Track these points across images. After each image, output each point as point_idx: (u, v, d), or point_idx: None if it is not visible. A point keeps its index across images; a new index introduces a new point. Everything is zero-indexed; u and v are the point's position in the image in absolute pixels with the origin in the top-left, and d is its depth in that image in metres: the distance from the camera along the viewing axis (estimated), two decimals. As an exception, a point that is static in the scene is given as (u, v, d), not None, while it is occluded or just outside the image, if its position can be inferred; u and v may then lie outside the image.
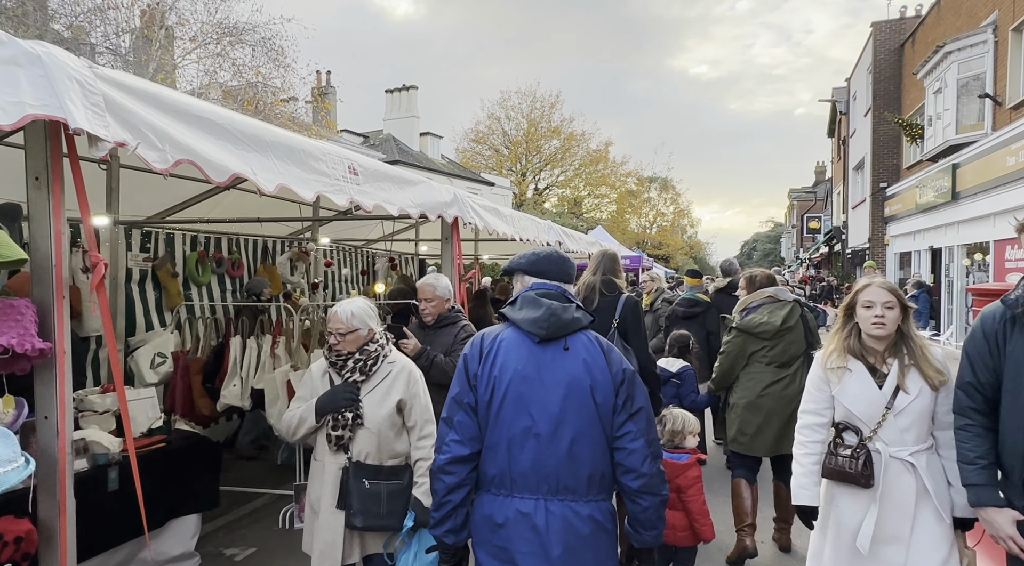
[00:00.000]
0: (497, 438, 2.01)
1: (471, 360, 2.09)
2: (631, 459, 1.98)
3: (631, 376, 2.06)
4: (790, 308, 3.97)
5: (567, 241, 7.93)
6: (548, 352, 2.03)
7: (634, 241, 46.57)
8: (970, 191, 13.04)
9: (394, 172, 3.65)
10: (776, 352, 3.91)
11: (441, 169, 33.92)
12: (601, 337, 2.17)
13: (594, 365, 2.02)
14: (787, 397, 3.83)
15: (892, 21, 20.00)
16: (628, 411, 2.01)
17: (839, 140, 27.98)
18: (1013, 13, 11.98)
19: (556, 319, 2.03)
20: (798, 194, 52.22)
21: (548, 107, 43.32)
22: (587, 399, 1.99)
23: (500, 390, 2.01)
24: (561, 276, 2.17)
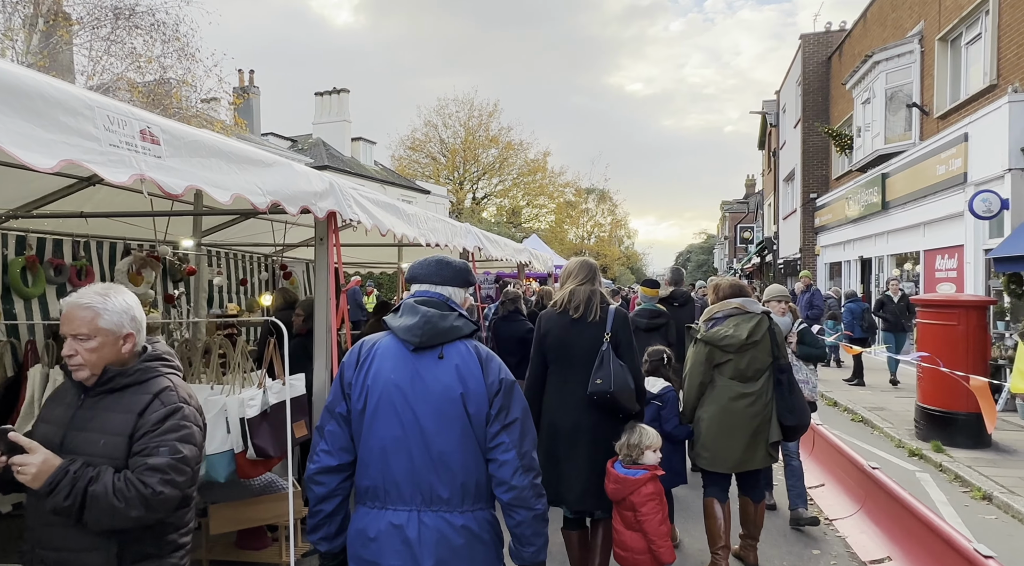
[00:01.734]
0: (370, 449, 1.97)
1: (347, 368, 2.05)
2: (502, 471, 1.96)
3: (509, 386, 2.01)
4: (757, 321, 3.78)
5: (489, 247, 7.13)
6: (423, 361, 1.99)
7: (572, 251, 46.81)
8: (899, 201, 13.04)
9: (231, 146, 2.74)
10: (741, 366, 3.75)
11: (374, 176, 32.89)
12: (483, 346, 2.09)
13: (468, 374, 1.97)
14: (752, 412, 3.71)
15: (820, 34, 20.32)
16: (502, 422, 1.97)
17: (769, 152, 28.43)
18: (939, 23, 12.03)
19: (431, 327, 1.98)
20: (730, 206, 53.49)
21: (486, 116, 43.13)
22: (459, 409, 1.95)
23: (373, 399, 1.96)
24: (443, 281, 2.09)
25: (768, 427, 3.72)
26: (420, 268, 2.16)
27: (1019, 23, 9.38)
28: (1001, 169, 9.16)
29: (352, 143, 34.65)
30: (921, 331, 7.03)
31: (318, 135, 33.50)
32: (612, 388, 3.17)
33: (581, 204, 51.09)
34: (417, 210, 5.32)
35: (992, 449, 6.52)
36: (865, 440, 7.40)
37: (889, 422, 7.84)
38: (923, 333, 6.99)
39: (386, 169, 37.01)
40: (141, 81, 13.05)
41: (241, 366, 3.34)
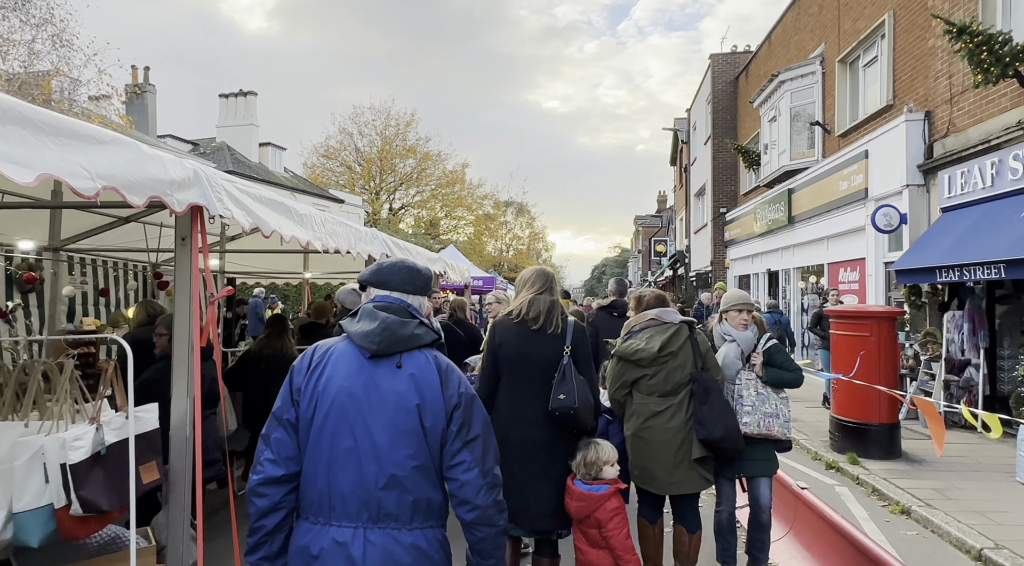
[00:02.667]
0: (317, 459, 1.86)
1: (297, 372, 1.94)
2: (464, 491, 1.88)
3: (469, 401, 1.94)
4: (673, 331, 3.56)
5: (399, 255, 6.59)
6: (379, 369, 1.90)
7: (491, 263, 46.78)
8: (805, 215, 13.49)
9: (43, 114, 2.12)
10: (658, 380, 3.52)
11: (284, 183, 31.40)
12: (443, 357, 1.99)
13: (425, 385, 1.89)
14: (673, 429, 3.47)
15: (728, 54, 21.08)
16: (463, 438, 1.90)
17: (681, 168, 29.31)
18: (839, 46, 12.58)
19: (390, 334, 1.90)
20: (644, 220, 55.06)
21: (403, 125, 42.51)
22: (414, 421, 1.86)
23: (323, 407, 1.86)
24: (406, 287, 2.01)
25: (691, 444, 3.48)
26: (388, 273, 2.02)
27: (913, 47, 9.85)
28: (899, 185, 9.54)
29: (260, 148, 33.12)
30: (836, 342, 7.06)
31: (222, 139, 31.78)
32: (576, 404, 3.07)
33: (500, 217, 51.24)
34: (312, 210, 4.71)
35: (903, 460, 6.58)
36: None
37: (804, 434, 7.86)
38: (837, 343, 7.02)
39: (297, 177, 35.59)
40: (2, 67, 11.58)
41: (67, 395, 2.65)
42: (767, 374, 3.76)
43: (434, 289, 9.41)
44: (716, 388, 3.55)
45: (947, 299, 8.45)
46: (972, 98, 8.25)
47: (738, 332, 3.82)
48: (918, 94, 9.67)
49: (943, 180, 8.71)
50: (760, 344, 3.84)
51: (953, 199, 8.49)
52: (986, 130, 7.90)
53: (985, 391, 7.88)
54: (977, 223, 7.64)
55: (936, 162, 8.86)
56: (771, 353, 3.81)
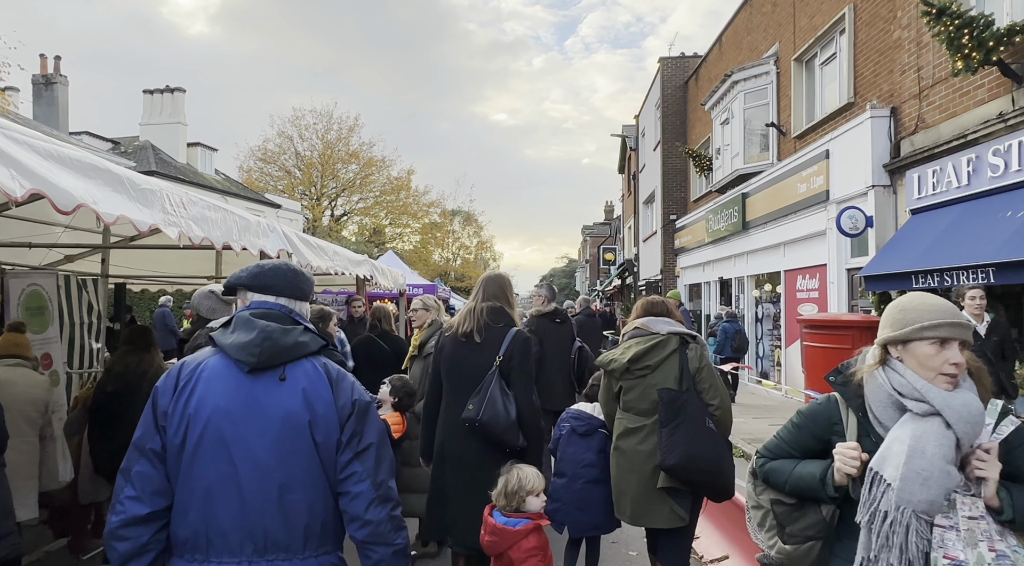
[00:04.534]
0: (191, 491, 1.67)
1: (162, 394, 1.74)
2: (354, 505, 1.73)
3: (363, 409, 1.78)
4: (653, 343, 3.16)
5: (306, 252, 5.43)
6: (260, 384, 1.72)
7: (437, 273, 45.81)
8: (759, 220, 12.92)
9: None
10: (633, 396, 3.19)
11: (214, 185, 29.55)
12: (333, 364, 1.83)
13: (316, 398, 1.73)
14: (643, 452, 3.12)
15: (677, 58, 20.65)
16: (354, 449, 1.75)
17: (629, 175, 28.90)
18: (794, 44, 12.08)
19: (272, 344, 1.72)
20: (591, 230, 54.95)
21: (346, 130, 41.16)
22: (305, 438, 1.70)
23: (195, 431, 1.68)
24: (291, 292, 1.85)
25: None
26: (271, 276, 1.84)
27: (875, 41, 9.33)
28: (864, 186, 8.95)
29: (188, 149, 31.18)
30: (809, 354, 6.27)
31: (146, 137, 29.74)
32: (480, 416, 2.92)
33: (447, 225, 50.36)
34: (165, 184, 3.56)
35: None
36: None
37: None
38: (811, 356, 6.23)
39: (230, 180, 33.68)
40: None
41: None
42: (1016, 500, 1.63)
43: (357, 296, 8.26)
44: (693, 411, 3.04)
45: (920, 307, 7.83)
46: (944, 91, 7.69)
47: (943, 394, 1.67)
48: (882, 90, 9.13)
49: (912, 180, 8.13)
50: (992, 429, 1.70)
51: (924, 200, 7.90)
52: (960, 125, 7.34)
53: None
54: (955, 224, 7.03)
55: (904, 161, 8.29)
56: (1015, 448, 1.69)
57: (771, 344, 13.22)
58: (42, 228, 5.48)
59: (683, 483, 3.05)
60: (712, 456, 3.03)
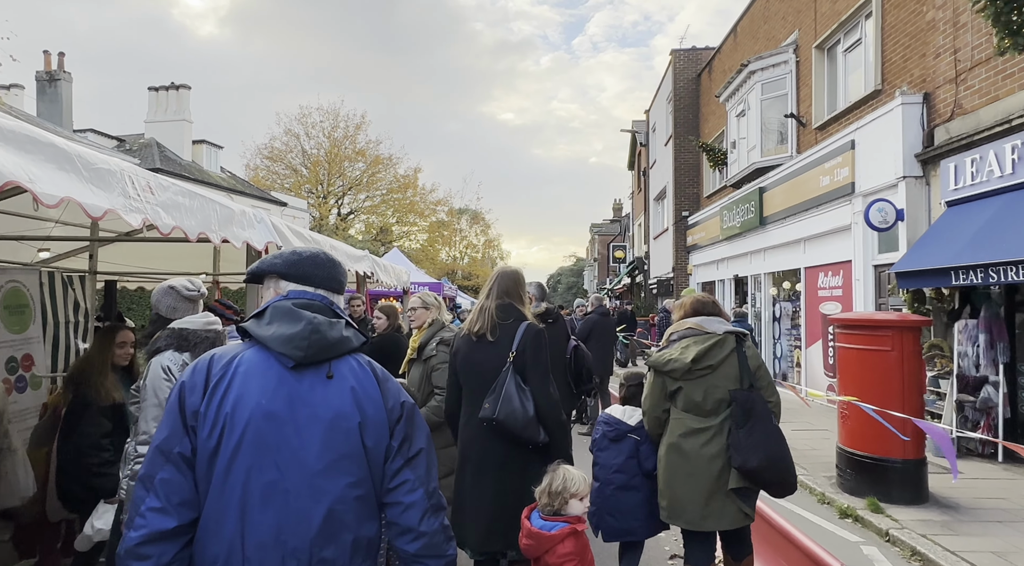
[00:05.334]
0: (225, 501, 1.46)
1: (190, 391, 1.51)
2: (408, 516, 1.57)
3: (411, 411, 1.65)
4: (713, 342, 3.17)
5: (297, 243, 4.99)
6: (305, 381, 1.54)
7: (444, 271, 45.55)
8: (778, 216, 12.40)
9: None
10: (695, 396, 3.16)
11: (219, 183, 29.28)
12: (375, 363, 1.68)
13: (365, 398, 1.57)
14: (709, 453, 3.09)
15: (689, 50, 20.11)
16: (405, 455, 1.60)
17: (639, 172, 28.36)
18: (815, 31, 11.56)
19: (320, 337, 1.56)
20: (600, 228, 54.34)
21: (353, 128, 40.86)
22: (355, 442, 1.53)
23: (234, 433, 1.47)
24: (330, 284, 1.71)
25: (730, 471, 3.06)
26: (311, 266, 1.70)
27: (905, 24, 8.81)
28: (894, 177, 8.44)
29: (194, 146, 30.95)
30: (843, 358, 5.78)
31: (151, 135, 29.57)
32: (496, 414, 2.86)
33: (454, 224, 50.06)
34: (128, 165, 3.14)
35: (934, 505, 5.32)
36: (778, 492, 6.02)
37: (802, 467, 6.55)
38: (846, 360, 5.74)
39: (236, 177, 33.47)
40: None
41: None
42: None
43: (358, 294, 7.83)
44: (762, 410, 3.08)
45: (958, 306, 7.33)
46: (984, 74, 7.18)
47: None
48: (913, 76, 8.61)
49: (947, 170, 7.62)
50: None
51: (960, 191, 7.39)
52: (1004, 109, 6.82)
53: (1006, 414, 6.75)
54: (999, 216, 6.52)
55: (938, 150, 7.78)
56: None
57: (790, 344, 12.71)
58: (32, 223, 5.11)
59: (759, 483, 3.06)
60: (786, 453, 3.08)
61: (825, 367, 10.73)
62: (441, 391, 3.91)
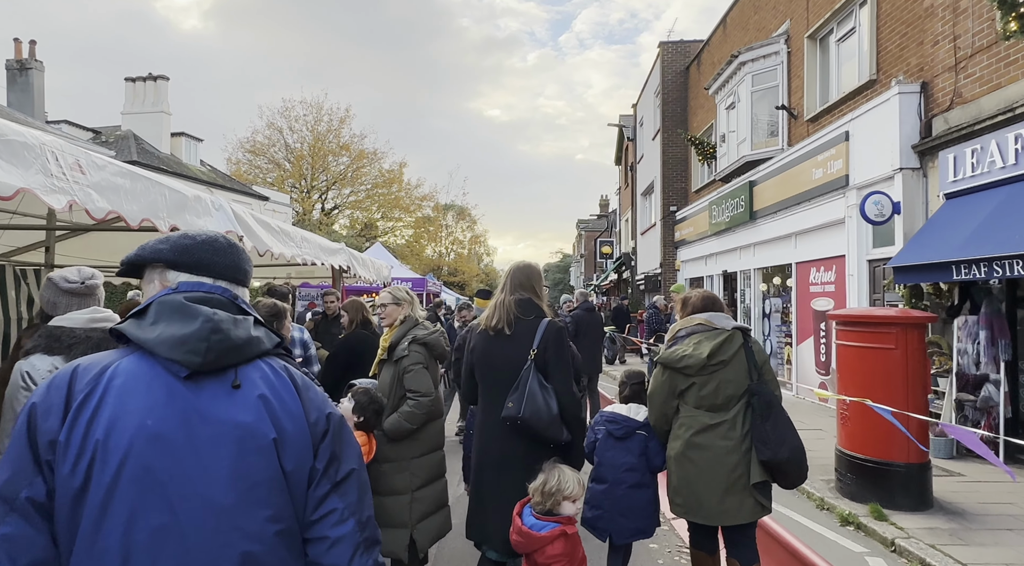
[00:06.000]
0: (101, 554, 1.11)
1: (44, 414, 1.15)
2: (335, 554, 1.26)
3: (338, 425, 1.34)
4: (724, 337, 3.18)
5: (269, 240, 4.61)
6: (205, 393, 1.22)
7: (430, 267, 45.12)
8: (768, 210, 12.14)
9: None
10: (708, 392, 3.15)
11: (198, 176, 28.65)
12: (294, 369, 1.36)
13: (282, 410, 1.25)
14: (725, 448, 3.09)
15: (678, 43, 19.83)
16: (332, 479, 1.29)
17: (626, 167, 28.09)
18: (807, 20, 11.29)
19: (222, 338, 1.24)
20: (586, 224, 54.12)
21: (337, 121, 40.25)
22: (271, 465, 1.21)
23: (108, 466, 1.13)
24: (232, 274, 1.39)
25: (748, 466, 3.09)
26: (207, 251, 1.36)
27: (901, 11, 8.55)
28: (891, 169, 8.18)
29: (172, 139, 30.31)
30: (844, 356, 5.50)
31: (128, 127, 28.87)
32: (522, 413, 2.81)
33: (440, 220, 49.62)
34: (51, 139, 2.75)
35: (940, 511, 5.05)
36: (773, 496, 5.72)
37: (799, 470, 6.27)
38: (847, 358, 5.46)
39: (216, 171, 32.81)
40: None
41: None
42: None
43: (332, 290, 7.43)
44: (778, 403, 3.16)
45: (957, 302, 7.08)
46: (986, 61, 6.92)
47: None
48: (909, 65, 8.36)
49: (946, 161, 7.37)
50: None
51: (960, 182, 7.14)
52: (1006, 98, 6.57)
53: (1007, 413, 6.52)
54: (1003, 208, 6.26)
55: (937, 140, 7.52)
56: None
57: (780, 341, 12.48)
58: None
59: (780, 475, 3.10)
60: (802, 444, 3.11)
61: (817, 364, 10.49)
62: (415, 395, 3.56)
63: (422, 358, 3.64)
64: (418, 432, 3.67)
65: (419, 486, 3.73)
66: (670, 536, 4.70)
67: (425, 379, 3.61)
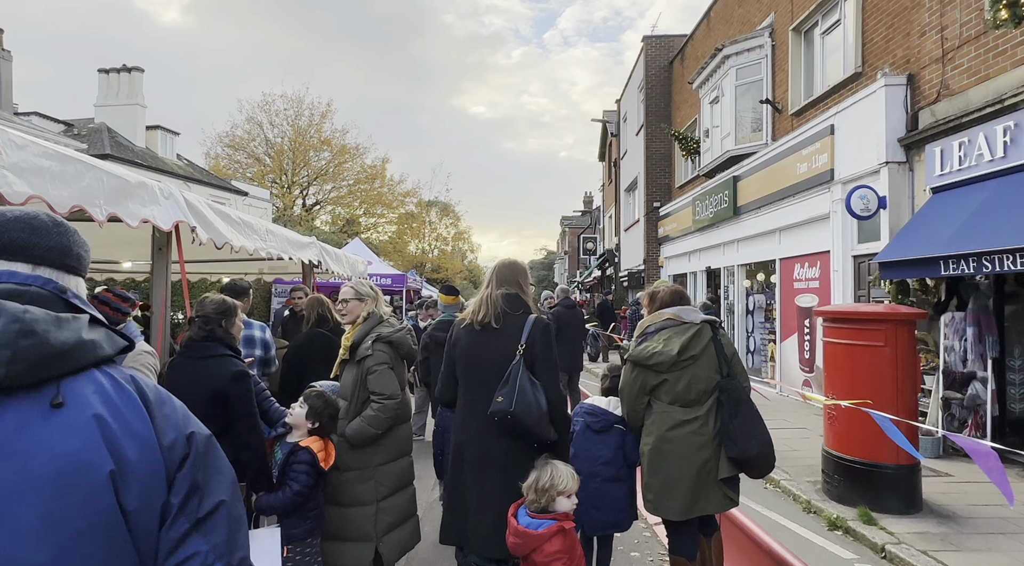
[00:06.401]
0: None
1: None
2: None
3: (203, 447, 1.08)
4: (694, 332, 3.15)
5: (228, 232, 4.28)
6: (8, 416, 0.95)
7: (413, 264, 44.70)
8: (752, 205, 12.00)
9: None
10: (680, 388, 3.12)
11: (175, 171, 28.07)
12: (145, 380, 1.10)
13: (124, 433, 1.00)
14: (698, 443, 3.08)
15: (661, 37, 19.66)
16: (192, 516, 1.03)
17: (610, 163, 27.92)
18: (792, 13, 11.14)
19: (35, 344, 0.98)
20: (570, 221, 53.98)
21: (319, 116, 39.71)
22: (106, 505, 0.95)
23: None
24: (59, 259, 1.13)
25: (718, 461, 3.09)
26: (16, 228, 1.09)
27: (887, 3, 8.40)
28: (876, 163, 8.03)
29: (148, 132, 29.63)
30: (831, 354, 5.32)
31: (102, 119, 28.16)
32: (513, 408, 2.71)
33: (423, 216, 49.20)
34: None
35: (929, 514, 4.89)
36: (759, 498, 5.55)
37: (784, 471, 6.10)
38: (834, 356, 5.28)
39: (193, 165, 32.16)
40: None
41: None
42: None
43: (301, 286, 7.12)
44: (746, 398, 3.15)
45: (944, 298, 6.95)
46: (974, 52, 6.77)
47: None
48: (896, 57, 8.21)
49: (933, 154, 7.23)
50: None
51: (947, 176, 7.00)
52: (995, 89, 6.43)
53: (994, 412, 6.39)
54: (991, 202, 6.12)
55: (923, 133, 7.38)
56: None
57: (763, 338, 12.35)
58: None
59: (749, 469, 3.10)
60: (770, 436, 3.12)
61: (801, 361, 10.37)
62: (379, 397, 3.31)
63: (387, 358, 3.38)
64: (383, 437, 3.41)
65: (385, 495, 3.47)
66: (652, 543, 4.49)
67: (390, 380, 3.36)
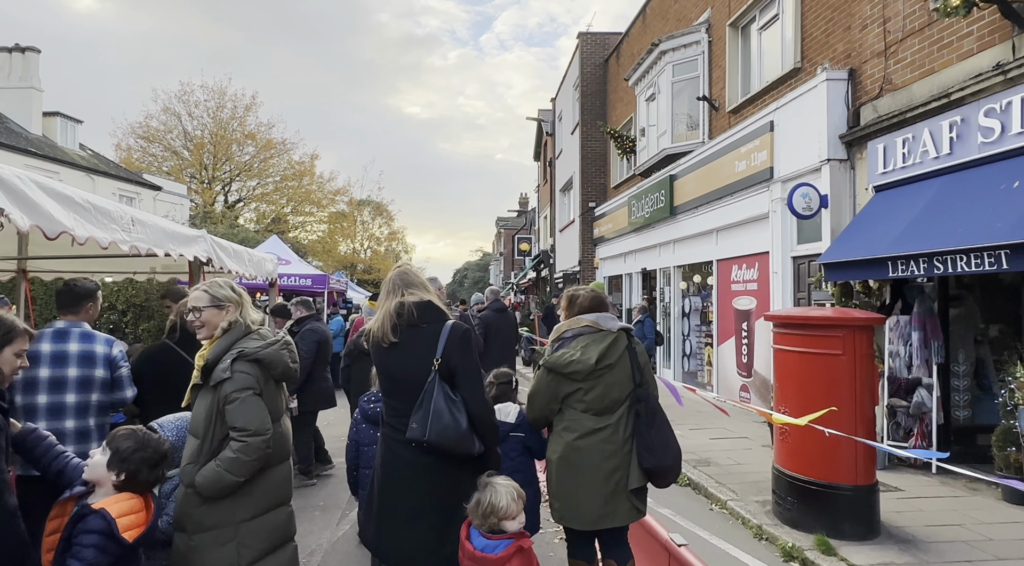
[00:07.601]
0: None
1: None
2: None
3: None
4: (611, 340, 3.09)
5: (60, 214, 3.34)
6: None
7: (344, 264, 43.07)
8: (689, 205, 11.68)
9: None
10: (594, 396, 3.04)
11: (77, 161, 25.83)
12: None
13: None
14: (607, 451, 3.02)
15: (597, 34, 19.32)
16: None
17: (545, 163, 27.51)
18: (729, 8, 10.87)
19: None
20: (505, 222, 53.47)
21: (242, 109, 37.63)
22: None
23: None
24: None
25: (628, 470, 2.99)
26: None
27: (827, -3, 8.16)
28: (817, 161, 7.75)
29: (45, 119, 27.17)
30: (782, 362, 4.84)
31: (-9, 103, 25.53)
32: (427, 436, 2.57)
33: (355, 215, 47.57)
34: None
35: (889, 539, 4.46)
36: (705, 523, 5.03)
37: (731, 490, 5.61)
38: (785, 365, 4.80)
39: (99, 156, 29.72)
40: None
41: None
42: None
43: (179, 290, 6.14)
44: (660, 408, 3.08)
45: (889, 300, 6.67)
46: (918, 45, 6.52)
47: None
48: (836, 51, 7.96)
49: (875, 152, 6.96)
50: None
51: (890, 174, 6.74)
52: (940, 83, 6.18)
53: (939, 419, 6.13)
54: (938, 201, 5.84)
55: (865, 130, 7.11)
56: None
57: (700, 341, 12.07)
58: None
59: (659, 478, 3.05)
60: (679, 446, 3.09)
61: (739, 366, 10.07)
62: (241, 434, 2.51)
63: (251, 381, 2.58)
64: (250, 485, 2.62)
65: (253, 561, 2.68)
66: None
67: (256, 411, 2.57)
